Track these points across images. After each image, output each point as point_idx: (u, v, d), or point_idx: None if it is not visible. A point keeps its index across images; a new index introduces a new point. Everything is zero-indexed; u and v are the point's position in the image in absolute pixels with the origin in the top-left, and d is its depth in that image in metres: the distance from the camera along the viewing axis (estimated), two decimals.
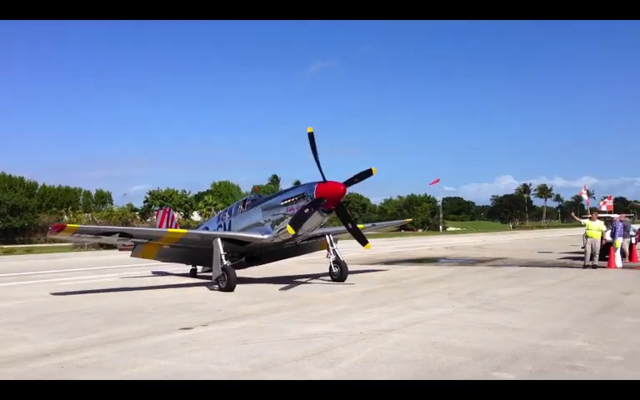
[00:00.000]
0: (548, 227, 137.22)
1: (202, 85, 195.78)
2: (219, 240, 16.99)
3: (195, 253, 18.86)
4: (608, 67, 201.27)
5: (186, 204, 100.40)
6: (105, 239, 17.97)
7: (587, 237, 21.93)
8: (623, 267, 21.43)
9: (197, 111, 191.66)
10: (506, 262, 25.66)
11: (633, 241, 24.31)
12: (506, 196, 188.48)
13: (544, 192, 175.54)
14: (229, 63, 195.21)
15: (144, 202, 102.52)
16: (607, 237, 22.30)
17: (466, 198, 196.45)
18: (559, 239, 51.97)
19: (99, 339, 9.54)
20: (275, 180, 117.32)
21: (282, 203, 17.03)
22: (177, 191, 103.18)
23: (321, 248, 20.11)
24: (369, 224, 27.15)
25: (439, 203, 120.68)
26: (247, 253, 18.69)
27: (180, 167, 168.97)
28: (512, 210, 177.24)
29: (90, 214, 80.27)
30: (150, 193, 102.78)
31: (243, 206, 18.75)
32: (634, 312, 11.33)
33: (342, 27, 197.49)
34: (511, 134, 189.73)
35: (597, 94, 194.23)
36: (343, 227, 17.75)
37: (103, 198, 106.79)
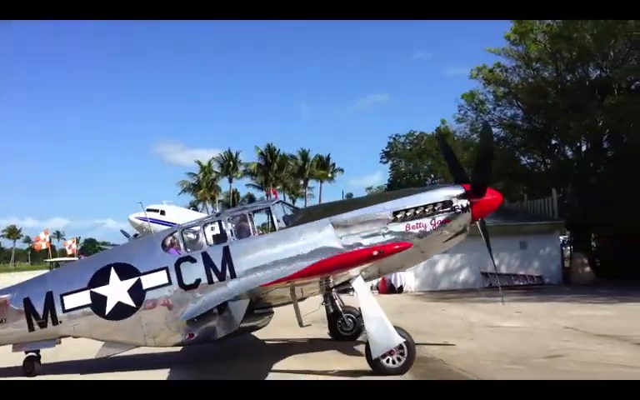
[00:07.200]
0: (17, 269, 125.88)
1: None
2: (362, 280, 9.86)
3: None
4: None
5: None
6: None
7: None
8: None
9: None
10: None
11: None
12: None
13: (13, 233, 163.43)
14: None
15: None
16: None
17: None
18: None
19: None
20: None
21: (390, 217, 10.65)
22: None
23: None
24: None
25: None
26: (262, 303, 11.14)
27: None
28: None
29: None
30: None
31: (243, 221, 11.40)
32: None
33: None
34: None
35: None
36: None
37: None
